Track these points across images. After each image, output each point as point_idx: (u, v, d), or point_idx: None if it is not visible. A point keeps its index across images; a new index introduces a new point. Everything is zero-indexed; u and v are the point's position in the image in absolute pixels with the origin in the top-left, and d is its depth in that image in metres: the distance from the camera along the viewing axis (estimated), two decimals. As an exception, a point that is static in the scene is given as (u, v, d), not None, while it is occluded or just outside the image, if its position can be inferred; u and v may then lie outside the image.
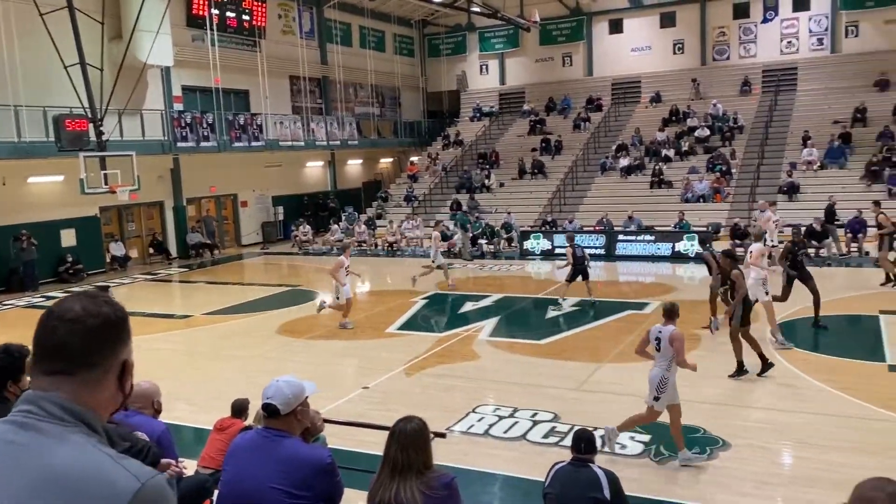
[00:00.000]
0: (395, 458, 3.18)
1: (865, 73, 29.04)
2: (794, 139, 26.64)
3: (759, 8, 31.91)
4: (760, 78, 31.28)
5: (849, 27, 30.61)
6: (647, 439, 7.83)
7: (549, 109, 34.64)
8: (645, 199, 25.44)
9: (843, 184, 23.59)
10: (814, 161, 24.87)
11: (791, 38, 31.50)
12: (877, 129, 25.72)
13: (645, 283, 18.59)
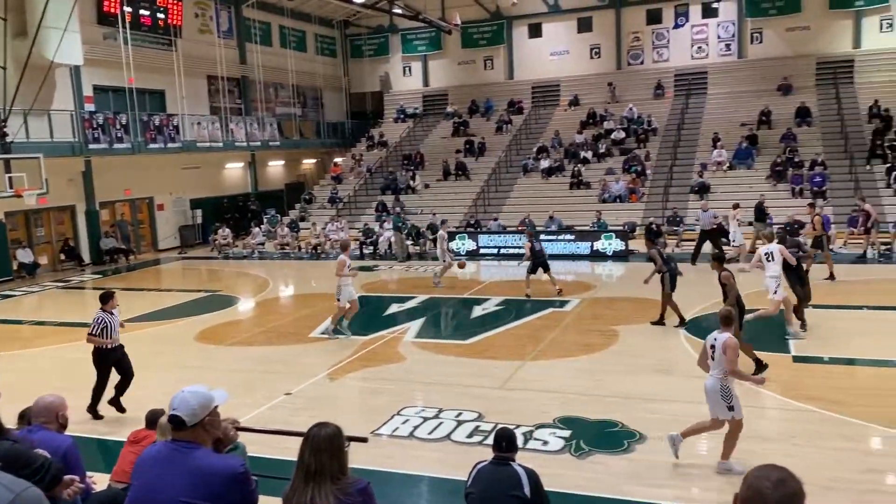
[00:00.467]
0: (309, 463, 3.17)
1: (770, 77, 30.56)
2: (704, 141, 27.76)
3: (670, 14, 33.11)
4: (673, 82, 32.46)
5: (754, 34, 32.13)
6: (568, 434, 8.03)
7: (472, 111, 34.98)
8: (565, 200, 26.03)
9: (750, 183, 24.73)
10: (723, 162, 25.98)
11: (701, 43, 32.83)
12: (780, 131, 27.08)
13: (566, 282, 18.96)
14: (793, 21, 31.32)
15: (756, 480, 2.03)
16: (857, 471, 6.95)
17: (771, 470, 2.05)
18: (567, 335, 12.60)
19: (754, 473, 2.07)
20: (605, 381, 10.09)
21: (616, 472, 7.18)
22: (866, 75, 29.61)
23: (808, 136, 26.73)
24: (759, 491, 2.00)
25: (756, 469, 2.09)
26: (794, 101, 28.76)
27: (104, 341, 9.11)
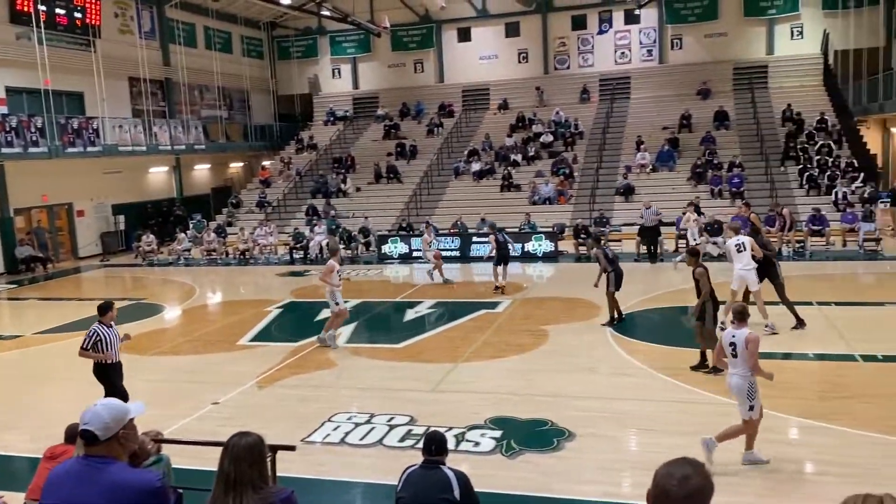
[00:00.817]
0: (228, 472, 3.12)
1: (690, 82, 31.66)
2: (628, 144, 28.51)
3: (595, 20, 33.90)
4: (598, 86, 33.23)
5: (674, 40, 33.23)
6: (499, 435, 8.12)
7: (403, 114, 34.98)
8: (496, 202, 26.30)
9: (672, 185, 25.55)
10: (646, 164, 26.75)
11: (624, 49, 33.73)
12: (700, 134, 28.06)
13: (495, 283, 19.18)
14: (710, 28, 32.54)
15: (662, 479, 2.06)
16: (775, 460, 7.25)
17: (677, 466, 2.08)
18: (499, 336, 12.73)
19: (661, 471, 2.10)
20: (535, 380, 10.24)
21: (546, 470, 7.29)
22: (779, 80, 31.01)
23: (726, 139, 27.78)
24: (665, 489, 2.04)
25: (664, 466, 2.12)
26: (713, 105, 29.85)
27: (99, 356, 8.43)
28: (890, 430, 7.80)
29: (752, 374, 6.92)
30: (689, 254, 10.81)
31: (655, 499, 2.09)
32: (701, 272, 10.25)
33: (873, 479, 6.66)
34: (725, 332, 7.22)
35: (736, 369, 7.01)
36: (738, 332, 7.02)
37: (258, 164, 34.47)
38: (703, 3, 32.40)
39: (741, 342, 6.93)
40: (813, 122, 27.16)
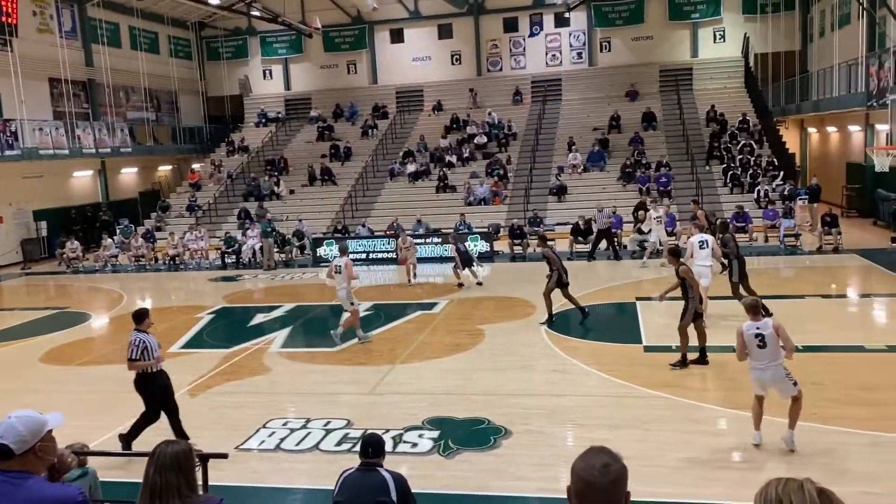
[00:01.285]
0: (154, 481, 3.03)
1: (618, 84, 32.44)
2: (560, 145, 28.99)
3: (526, 23, 34.37)
4: (530, 88, 33.71)
5: (603, 43, 33.98)
6: (437, 435, 8.14)
7: (336, 116, 34.70)
8: (431, 203, 26.36)
9: (603, 185, 26.10)
10: (578, 165, 27.25)
11: (555, 51, 34.31)
12: (629, 134, 28.75)
13: (434, 284, 19.22)
14: (637, 31, 33.41)
15: (584, 472, 2.06)
16: (703, 451, 7.48)
17: (594, 456, 2.09)
18: (436, 336, 12.76)
19: (580, 464, 2.10)
20: (473, 379, 10.30)
21: (483, 468, 7.34)
22: (703, 82, 32.07)
23: (653, 140, 28.54)
24: (589, 481, 2.04)
25: (580, 459, 2.12)
26: (641, 106, 30.63)
27: (148, 364, 8.01)
28: (811, 418, 8.14)
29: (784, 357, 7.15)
30: (670, 254, 10.75)
31: (580, 493, 2.08)
32: (685, 270, 10.23)
33: (793, 465, 6.95)
34: (746, 326, 7.28)
35: (767, 361, 7.17)
36: (761, 324, 7.20)
37: (188, 167, 33.61)
38: (630, 7, 33.24)
39: (769, 332, 7.11)
40: (735, 123, 28.16)
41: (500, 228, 23.73)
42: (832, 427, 7.85)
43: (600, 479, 2.05)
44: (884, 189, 23.00)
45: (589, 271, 18.78)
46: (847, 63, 23.22)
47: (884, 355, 10.49)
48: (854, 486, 6.38)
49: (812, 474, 6.48)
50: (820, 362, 10.24)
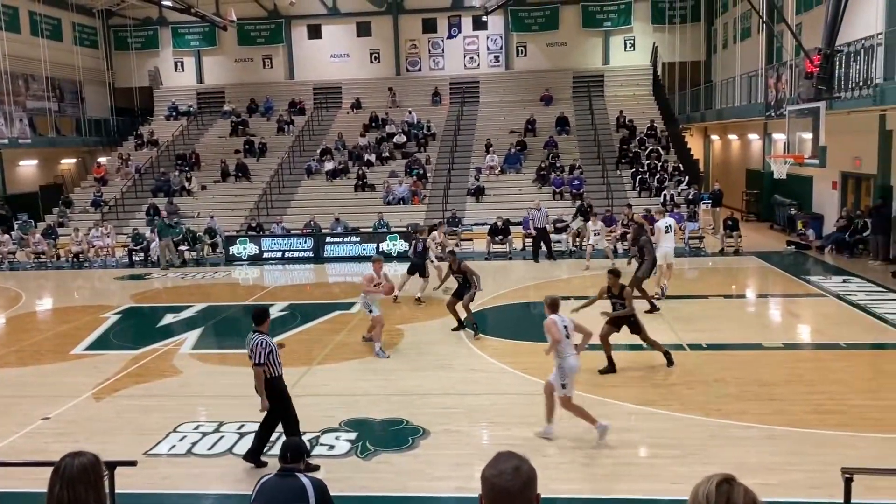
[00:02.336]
0: (61, 497, 2.87)
1: (534, 88, 33.09)
2: (478, 146, 29.32)
3: (444, 24, 34.61)
4: (448, 89, 33.96)
5: (519, 47, 34.60)
6: (354, 437, 8.10)
7: (251, 111, 33.96)
8: (350, 202, 26.17)
9: (519, 186, 26.56)
10: (495, 166, 27.63)
11: (473, 54, 34.71)
12: (544, 138, 29.36)
13: (353, 283, 19.07)
14: (552, 37, 34.18)
15: (496, 478, 2.04)
16: (614, 446, 7.74)
17: (504, 461, 2.08)
18: (354, 337, 12.68)
19: (490, 472, 2.07)
20: (391, 379, 10.30)
21: (401, 469, 7.36)
22: (614, 89, 33.09)
23: (567, 143, 29.25)
24: (503, 487, 2.02)
25: (489, 466, 2.10)
26: (555, 110, 31.33)
27: (273, 368, 7.40)
28: (712, 413, 8.56)
29: None
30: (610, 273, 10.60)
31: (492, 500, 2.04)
32: (629, 292, 10.39)
33: (700, 458, 7.29)
34: (559, 318, 7.84)
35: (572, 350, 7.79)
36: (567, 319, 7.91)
37: (93, 161, 32.14)
38: (545, 14, 33.96)
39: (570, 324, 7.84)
40: (644, 129, 29.17)
41: (419, 228, 23.75)
42: (732, 422, 8.27)
43: (512, 484, 2.04)
44: (780, 195, 24.37)
45: (508, 270, 19.09)
46: (748, 74, 24.45)
47: (780, 353, 11.11)
48: (752, 479, 6.69)
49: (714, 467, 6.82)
50: (722, 360, 10.78)
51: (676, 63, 32.85)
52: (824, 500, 6.28)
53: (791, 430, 8.01)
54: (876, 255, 17.80)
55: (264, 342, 7.30)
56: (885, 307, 13.47)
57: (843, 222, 19.35)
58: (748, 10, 24.78)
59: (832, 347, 11.27)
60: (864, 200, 19.49)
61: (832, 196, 21.17)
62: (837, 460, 6.46)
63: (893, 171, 17.64)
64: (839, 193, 20.82)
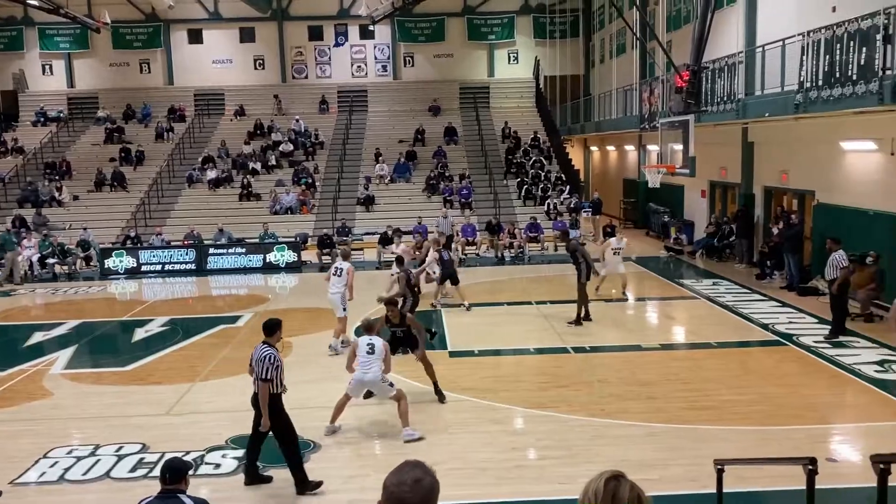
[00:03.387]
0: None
1: (422, 98, 33.40)
2: (368, 155, 29.25)
3: (331, 32, 34.38)
4: (336, 97, 33.70)
5: (406, 57, 34.85)
6: (241, 454, 7.85)
7: (127, 117, 32.39)
8: (234, 212, 25.43)
9: (409, 196, 26.68)
10: (385, 175, 27.64)
11: (360, 63, 34.63)
12: (433, 148, 29.65)
13: (238, 296, 18.57)
14: (438, 48, 34.66)
15: (395, 487, 2.04)
16: (504, 450, 7.89)
17: (406, 472, 2.08)
18: (240, 351, 12.26)
19: (391, 480, 2.07)
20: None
21: (290, 484, 7.18)
22: (499, 100, 33.92)
23: (455, 153, 29.67)
24: (401, 498, 2.02)
25: (392, 474, 2.10)
26: (443, 121, 31.74)
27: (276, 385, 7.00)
28: (597, 413, 8.89)
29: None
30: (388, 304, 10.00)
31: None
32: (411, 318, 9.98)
33: (587, 458, 7.55)
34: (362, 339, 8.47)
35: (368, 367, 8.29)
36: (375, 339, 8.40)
37: (-53, 169, 29.64)
38: (432, 25, 34.39)
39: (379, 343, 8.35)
40: (528, 140, 30.03)
41: (308, 238, 23.44)
42: (616, 421, 8.62)
43: (412, 496, 2.03)
44: (654, 203, 25.70)
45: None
46: (623, 88, 25.67)
47: (657, 353, 11.70)
48: (634, 474, 7.00)
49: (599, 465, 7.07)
50: (605, 361, 11.23)
51: (557, 76, 34.07)
52: (700, 491, 6.66)
53: (669, 426, 8.44)
54: (741, 258, 19.09)
55: (272, 356, 7.02)
56: (750, 307, 14.46)
57: (711, 228, 20.64)
58: (623, 28, 26.05)
59: (704, 347, 11.97)
60: (731, 207, 20.86)
61: (702, 204, 22.54)
62: (711, 453, 6.87)
63: (755, 180, 18.99)
64: (708, 201, 22.20)
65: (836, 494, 6.63)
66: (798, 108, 13.43)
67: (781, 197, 18.18)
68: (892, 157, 13.47)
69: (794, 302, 14.81)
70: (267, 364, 6.96)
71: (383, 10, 28.35)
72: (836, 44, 12.23)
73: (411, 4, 28.54)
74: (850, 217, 14.46)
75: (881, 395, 9.37)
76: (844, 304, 12.22)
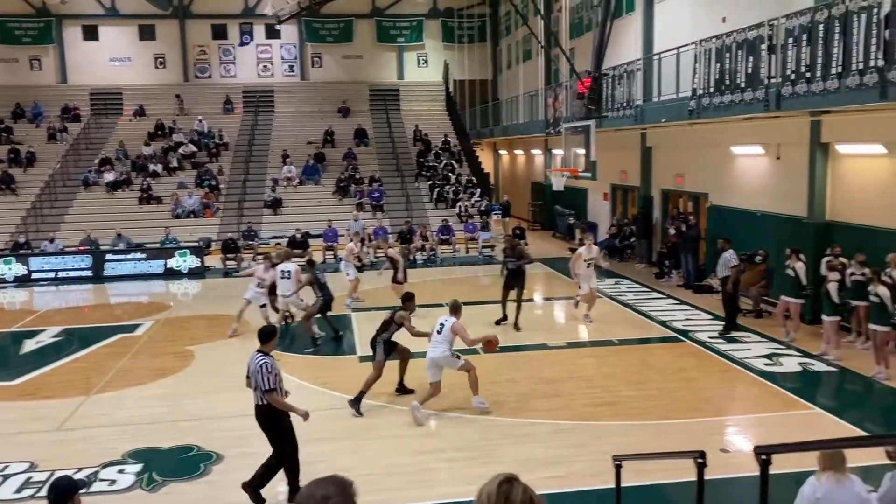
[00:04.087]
0: None
1: (331, 99, 33.02)
2: (275, 157, 28.66)
3: (236, 31, 33.55)
4: (241, 98, 32.86)
5: (314, 58, 34.40)
6: (139, 468, 7.55)
7: (16, 116, 30.53)
8: (134, 216, 24.41)
9: (318, 198, 26.32)
10: (293, 178, 27.17)
11: (266, 62, 33.95)
12: (343, 150, 29.37)
13: (138, 304, 17.82)
14: (347, 50, 34.39)
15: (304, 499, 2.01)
16: (413, 453, 7.88)
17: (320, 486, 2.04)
18: (138, 361, 11.82)
19: (304, 492, 2.05)
20: (180, 404, 9.72)
21: (192, 498, 6.98)
22: (409, 103, 33.93)
23: (366, 156, 29.49)
24: None
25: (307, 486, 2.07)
26: (353, 122, 31.48)
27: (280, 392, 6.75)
28: (505, 412, 9.02)
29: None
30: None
31: None
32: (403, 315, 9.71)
33: (494, 458, 7.64)
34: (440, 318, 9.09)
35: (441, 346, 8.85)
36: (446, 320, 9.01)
37: None
38: (340, 26, 34.09)
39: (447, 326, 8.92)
40: (439, 143, 30.19)
41: (212, 242, 22.76)
42: (523, 419, 8.77)
43: None
44: (560, 206, 26.34)
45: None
46: (529, 94, 26.19)
47: (563, 351, 11.98)
48: (542, 472, 7.18)
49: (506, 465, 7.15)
50: (513, 361, 11.40)
51: (466, 80, 34.43)
52: (603, 486, 6.83)
53: (574, 423, 8.66)
54: (641, 258, 19.81)
55: (269, 365, 6.73)
56: (650, 305, 15.03)
57: (613, 230, 21.33)
58: (529, 34, 26.56)
59: (607, 344, 12.35)
60: (631, 210, 21.62)
61: (604, 206, 23.26)
62: (613, 449, 7.08)
63: (653, 184, 19.75)
64: (610, 204, 22.93)
65: (729, 483, 6.95)
66: (692, 114, 14.05)
67: (678, 199, 18.98)
68: (777, 161, 14.29)
69: (690, 299, 15.49)
70: (267, 375, 6.72)
71: (289, 9, 27.87)
72: (725, 53, 12.87)
73: (318, 5, 28.24)
74: (741, 218, 15.25)
75: (770, 387, 9.91)
76: (736, 301, 12.87)
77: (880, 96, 9.38)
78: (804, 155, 13.18)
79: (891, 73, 9.14)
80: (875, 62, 9.42)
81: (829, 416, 8.84)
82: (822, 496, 4.70)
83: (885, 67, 9.25)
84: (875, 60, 9.42)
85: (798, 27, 10.94)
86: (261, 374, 6.70)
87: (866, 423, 8.67)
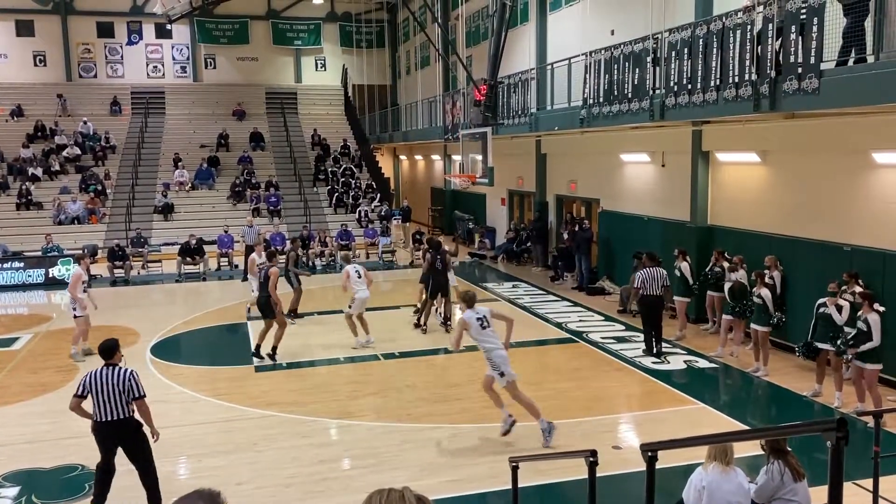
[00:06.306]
0: None
1: (225, 102, 32.15)
2: (166, 160, 27.61)
3: (123, 30, 32.13)
4: (130, 99, 31.49)
5: (208, 59, 33.40)
6: (16, 492, 7.09)
7: None
8: (12, 222, 22.94)
9: (212, 203, 25.54)
10: (185, 182, 26.24)
11: (157, 63, 32.67)
12: (238, 153, 28.64)
13: (15, 316, 16.73)
14: (242, 51, 33.60)
15: None
16: (311, 463, 7.76)
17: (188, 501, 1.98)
18: (15, 377, 11.10)
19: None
20: (63, 422, 9.15)
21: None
22: (307, 107, 33.50)
23: (262, 160, 28.87)
24: None
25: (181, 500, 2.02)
26: (249, 126, 30.76)
27: None
28: (404, 418, 9.03)
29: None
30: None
31: None
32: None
33: (394, 464, 7.63)
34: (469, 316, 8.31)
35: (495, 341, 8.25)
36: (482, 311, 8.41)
37: None
38: (235, 27, 33.26)
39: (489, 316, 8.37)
40: (338, 148, 29.94)
41: (98, 250, 21.63)
42: (423, 424, 8.81)
43: None
44: (459, 210, 26.66)
45: (205, 293, 18.26)
46: (428, 100, 26.39)
47: (464, 354, 12.06)
48: (443, 476, 7.23)
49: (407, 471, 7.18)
50: (413, 366, 11.44)
51: (366, 86, 34.32)
52: (501, 487, 6.96)
53: (474, 426, 8.77)
54: (537, 262, 20.33)
55: (134, 372, 6.57)
56: (546, 307, 15.43)
57: (511, 234, 21.78)
58: (427, 41, 26.78)
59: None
60: (528, 215, 22.15)
61: (502, 211, 23.72)
62: (511, 450, 7.22)
63: (548, 189, 20.31)
64: (507, 209, 23.40)
65: (621, 479, 7.22)
66: (583, 122, 14.56)
67: (571, 204, 19.60)
68: (663, 168, 15.01)
69: (583, 301, 16.01)
70: (138, 380, 6.54)
71: (181, 8, 26.95)
72: (614, 64, 13.41)
73: (211, 5, 27.46)
74: (631, 222, 15.91)
75: (659, 385, 10.38)
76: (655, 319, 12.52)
77: (754, 108, 10.03)
78: (687, 162, 13.90)
79: (763, 86, 9.79)
80: (749, 76, 10.07)
81: (713, 410, 9.35)
82: (707, 485, 5.05)
83: (757, 81, 9.90)
84: (749, 74, 10.07)
85: (680, 41, 11.54)
86: (134, 382, 6.51)
87: (748, 418, 9.23)
